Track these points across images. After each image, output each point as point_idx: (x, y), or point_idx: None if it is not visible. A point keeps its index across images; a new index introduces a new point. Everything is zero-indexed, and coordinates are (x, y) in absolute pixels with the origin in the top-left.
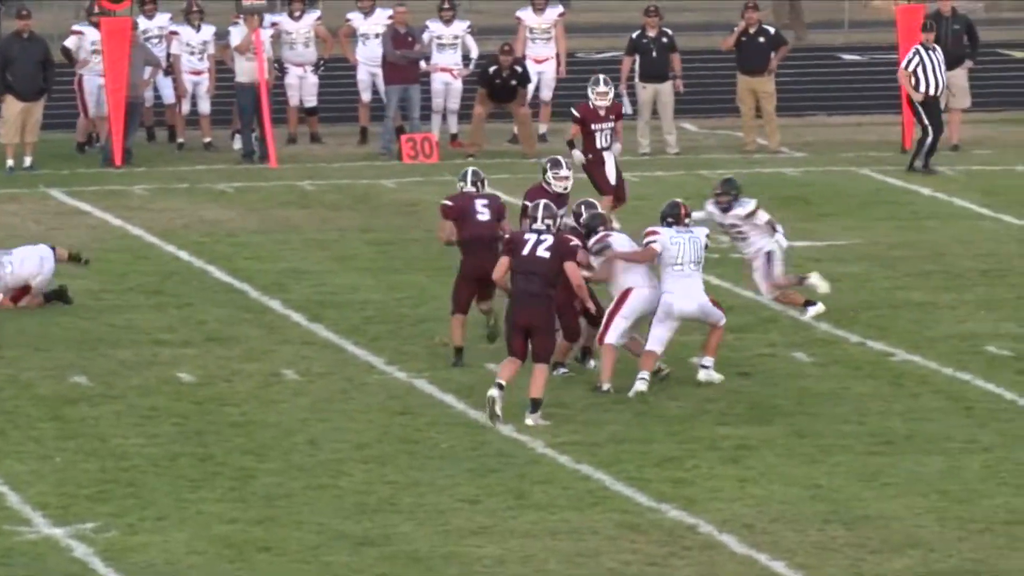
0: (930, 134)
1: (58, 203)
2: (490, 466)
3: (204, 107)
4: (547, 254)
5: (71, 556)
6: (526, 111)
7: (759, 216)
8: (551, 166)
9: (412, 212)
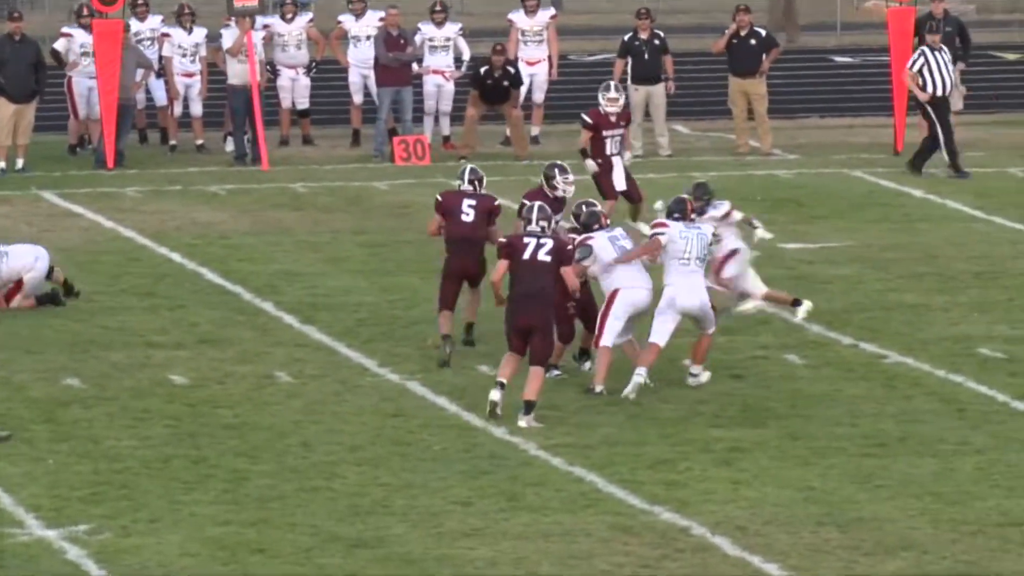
0: (941, 137)
1: (50, 205)
2: (483, 468)
3: (196, 109)
4: (548, 258)
5: (64, 558)
6: (518, 113)
7: (734, 216)
8: (559, 172)
9: (405, 214)
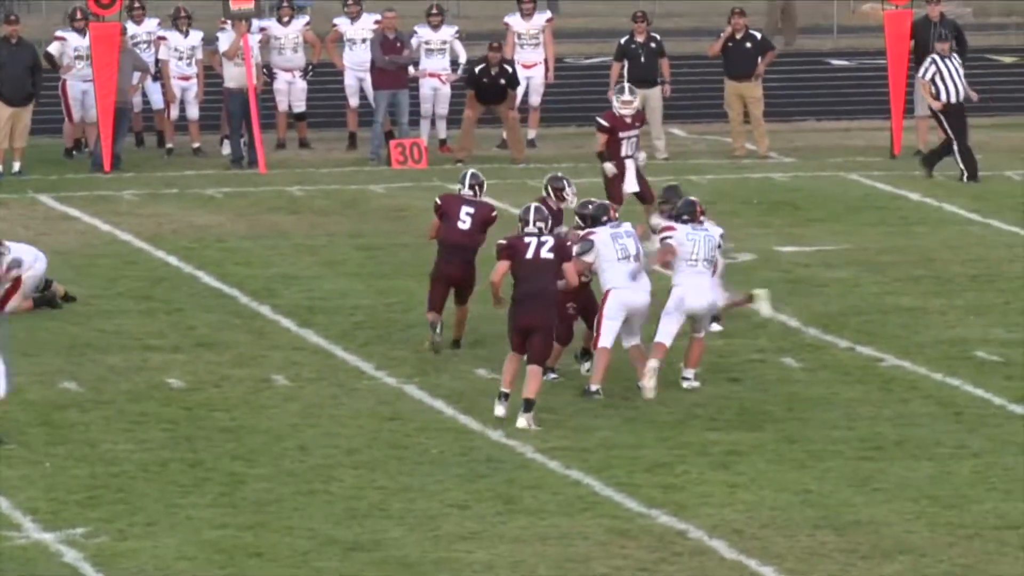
0: (955, 144)
1: (47, 208)
2: (480, 471)
3: (193, 112)
4: (551, 255)
5: (61, 561)
6: (515, 114)
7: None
8: (568, 184)
9: (401, 217)
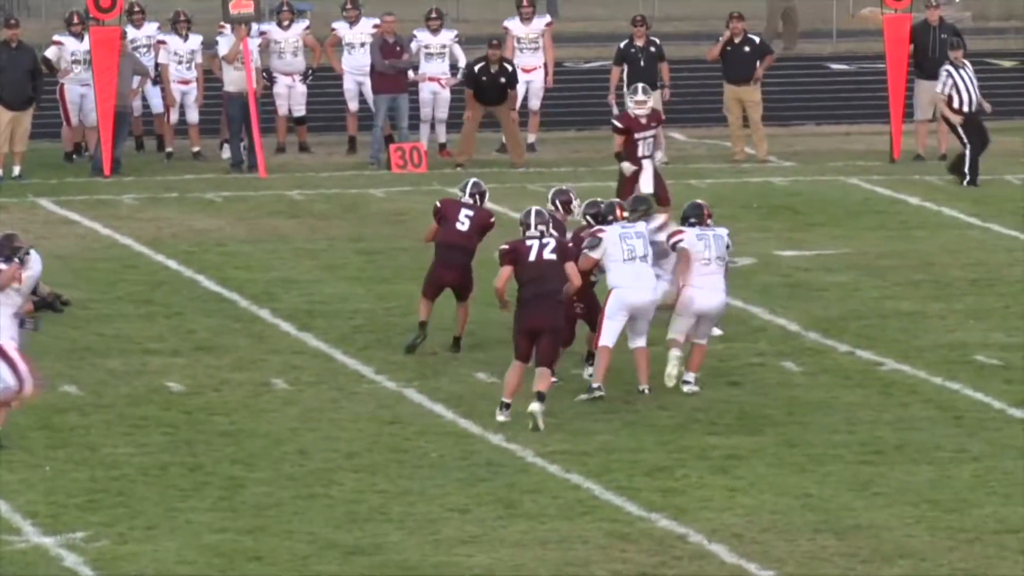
0: (967, 149)
1: (47, 212)
2: (480, 475)
3: (192, 116)
4: (554, 256)
5: (61, 565)
6: (515, 115)
7: (669, 227)
8: (574, 196)
9: (401, 221)
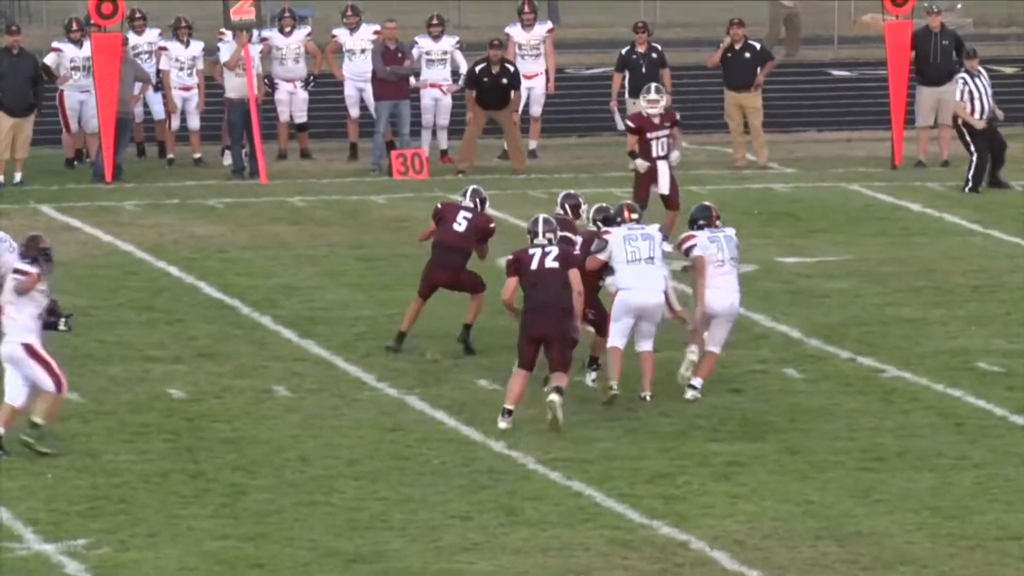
0: (975, 157)
1: (48, 219)
2: (481, 482)
3: (194, 123)
4: (556, 264)
5: (62, 573)
6: (517, 119)
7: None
8: (584, 201)
9: (402, 228)
